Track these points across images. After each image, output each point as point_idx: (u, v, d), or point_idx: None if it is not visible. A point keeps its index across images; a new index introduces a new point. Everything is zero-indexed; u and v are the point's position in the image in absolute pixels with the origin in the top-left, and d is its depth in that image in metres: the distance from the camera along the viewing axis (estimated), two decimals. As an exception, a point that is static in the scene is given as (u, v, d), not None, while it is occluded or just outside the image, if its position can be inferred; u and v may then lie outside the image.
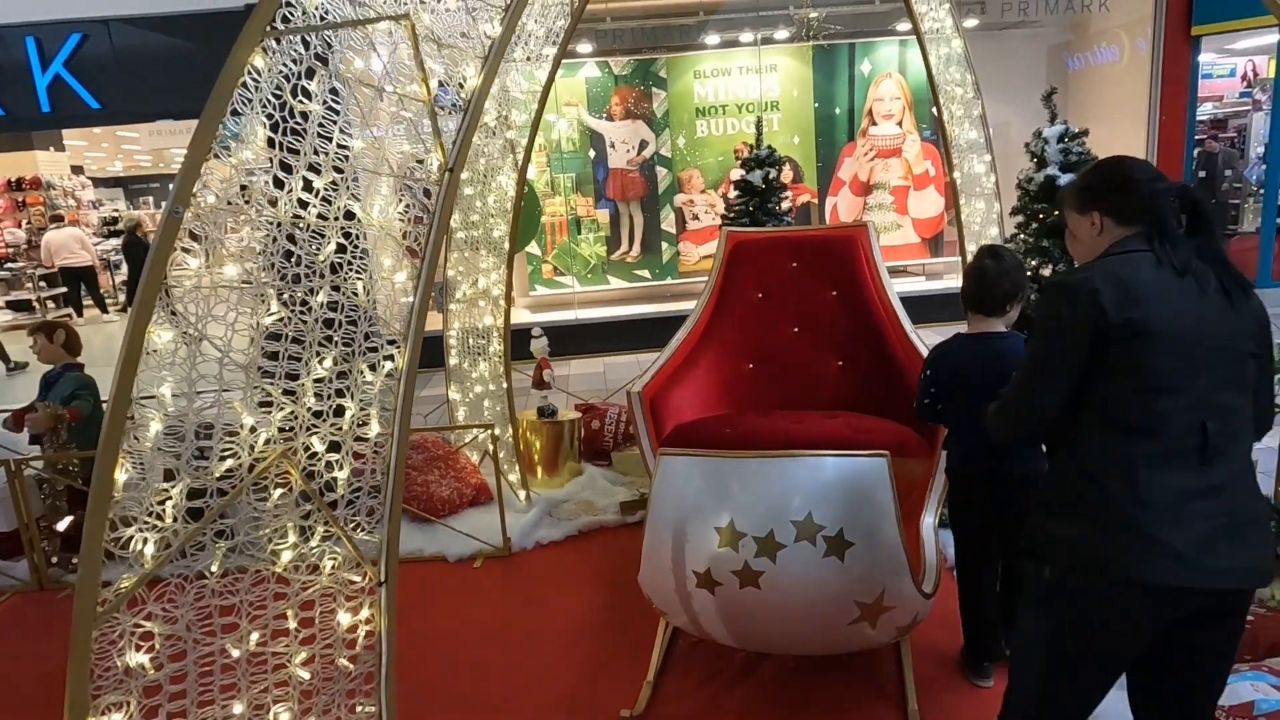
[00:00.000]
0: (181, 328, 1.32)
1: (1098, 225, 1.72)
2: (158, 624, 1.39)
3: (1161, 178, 1.71)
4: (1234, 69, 11.32)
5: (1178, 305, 1.58)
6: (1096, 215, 1.72)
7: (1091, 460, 1.61)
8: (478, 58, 1.75)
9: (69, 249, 11.77)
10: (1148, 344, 1.56)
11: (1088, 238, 1.74)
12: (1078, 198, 1.77)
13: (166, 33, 7.69)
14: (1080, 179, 1.83)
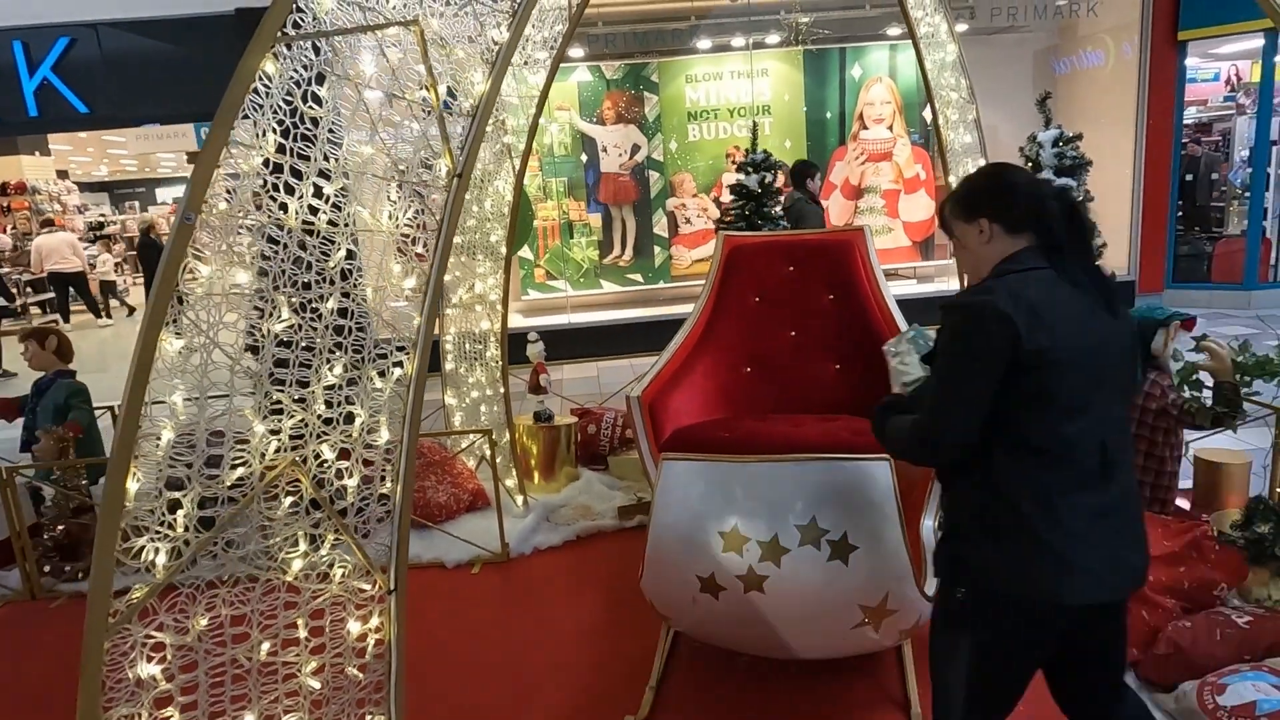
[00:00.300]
0: (193, 335, 1.31)
1: (986, 233, 1.71)
2: (169, 634, 1.38)
3: (1043, 183, 1.74)
4: (1218, 73, 11.44)
5: (1079, 325, 1.61)
6: (984, 222, 1.71)
7: (1003, 484, 1.62)
8: (485, 63, 1.75)
9: (61, 254, 11.67)
10: (1056, 369, 1.58)
11: (976, 246, 1.73)
12: (963, 206, 1.76)
13: (155, 37, 7.64)
14: (961, 188, 1.81)
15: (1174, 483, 3.16)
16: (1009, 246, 1.69)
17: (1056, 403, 1.59)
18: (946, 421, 1.62)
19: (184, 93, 7.79)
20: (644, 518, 4.23)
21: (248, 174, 1.38)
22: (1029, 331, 1.55)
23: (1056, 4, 8.55)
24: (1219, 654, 2.52)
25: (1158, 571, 2.78)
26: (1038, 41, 9.61)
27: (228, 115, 1.33)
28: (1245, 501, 3.31)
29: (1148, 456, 3.13)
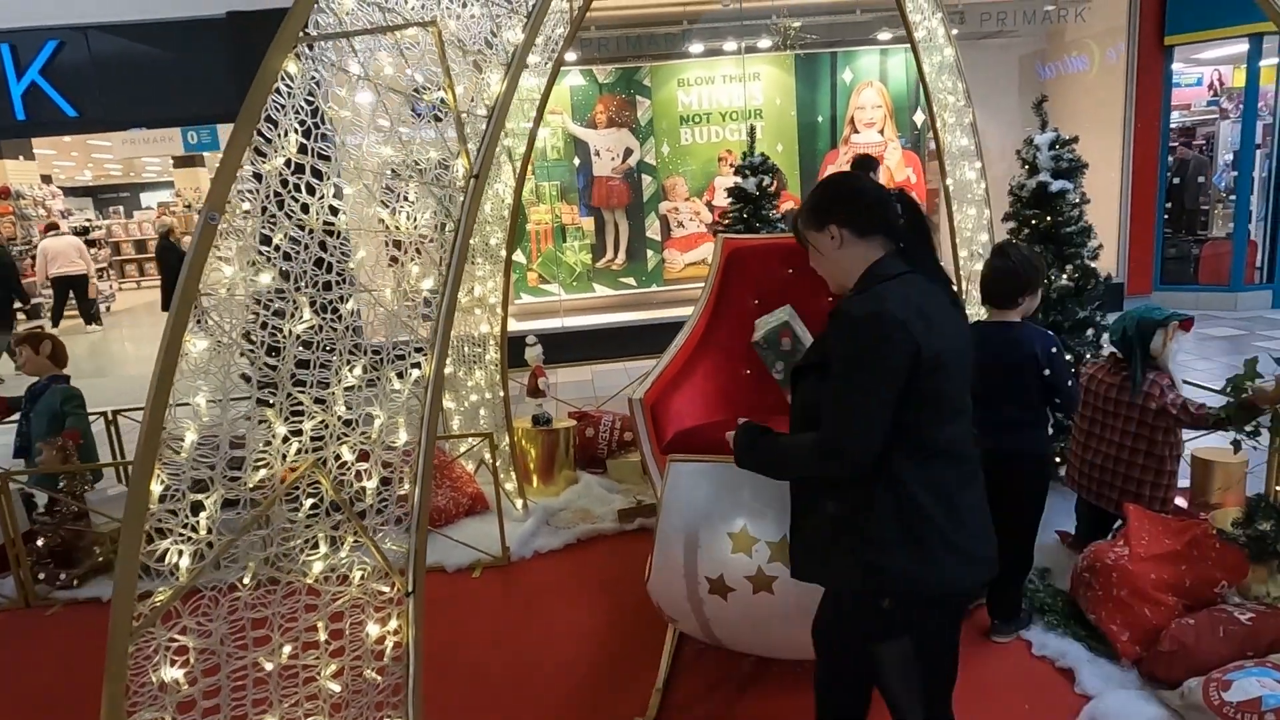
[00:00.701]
0: (216, 336, 1.30)
1: (837, 238, 1.75)
2: (192, 638, 1.36)
3: (884, 189, 1.81)
4: (1200, 78, 11.59)
5: (952, 325, 1.69)
6: (834, 227, 1.75)
7: (911, 488, 1.66)
8: (501, 65, 1.75)
9: (67, 257, 11.60)
10: (946, 371, 1.64)
11: (830, 250, 1.77)
12: (812, 216, 1.80)
13: (144, 41, 7.58)
14: (809, 199, 1.85)
15: (1173, 481, 3.19)
16: (863, 251, 1.74)
17: (948, 404, 1.67)
18: (856, 432, 1.63)
19: (174, 96, 7.74)
20: (644, 520, 4.23)
21: (270, 174, 1.38)
22: (924, 336, 1.60)
23: (1045, 9, 8.63)
24: (1223, 651, 2.54)
25: (1160, 569, 2.81)
26: (1023, 46, 9.70)
27: (251, 115, 1.32)
28: (1242, 500, 3.34)
29: (1148, 455, 3.16)
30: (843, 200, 1.76)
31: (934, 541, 1.66)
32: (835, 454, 1.65)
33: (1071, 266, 3.83)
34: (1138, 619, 2.75)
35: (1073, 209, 3.82)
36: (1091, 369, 3.41)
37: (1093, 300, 3.90)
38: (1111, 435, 3.26)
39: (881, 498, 1.67)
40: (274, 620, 1.49)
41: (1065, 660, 2.83)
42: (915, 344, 1.59)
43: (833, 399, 1.65)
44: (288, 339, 1.45)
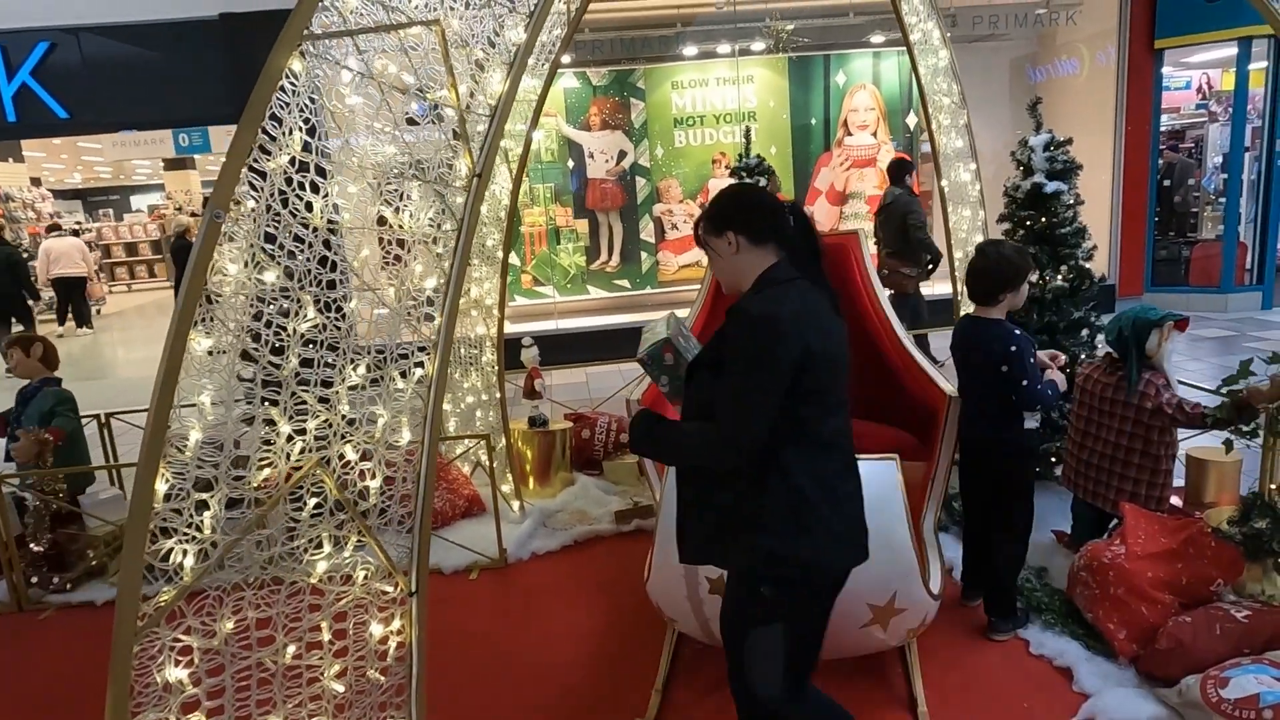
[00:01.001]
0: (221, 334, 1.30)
1: (734, 244, 1.87)
2: (196, 638, 1.36)
3: (778, 200, 1.94)
4: (1189, 82, 11.68)
5: (834, 326, 1.84)
6: (731, 234, 1.87)
7: (799, 478, 1.79)
8: (504, 64, 1.75)
9: (70, 259, 11.60)
10: (829, 370, 1.79)
11: (728, 255, 1.89)
12: (712, 223, 1.92)
13: (137, 43, 7.55)
14: (711, 206, 1.96)
15: (1168, 481, 3.21)
16: (757, 257, 1.87)
17: (829, 399, 1.82)
18: (748, 423, 1.74)
19: (166, 98, 7.70)
20: (641, 522, 4.23)
21: (274, 172, 1.37)
22: (813, 336, 1.75)
23: (1036, 12, 8.69)
24: (1219, 648, 2.56)
25: (1156, 568, 2.82)
26: (1014, 50, 9.76)
27: (256, 113, 1.32)
28: (1236, 499, 3.37)
29: (1143, 455, 3.18)
30: (741, 210, 1.89)
31: (819, 528, 1.79)
32: (731, 444, 1.76)
33: (1066, 267, 3.86)
34: (1135, 617, 2.76)
35: (1067, 210, 3.85)
36: (1087, 369, 3.42)
37: (1087, 301, 3.92)
38: (1107, 435, 3.28)
39: (773, 487, 1.79)
40: (278, 620, 1.49)
41: (1063, 659, 2.84)
42: (804, 343, 1.72)
43: (729, 393, 1.77)
44: (292, 338, 1.44)
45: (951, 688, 2.77)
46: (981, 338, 2.89)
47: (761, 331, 1.73)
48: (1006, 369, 2.79)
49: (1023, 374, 2.78)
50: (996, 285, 2.86)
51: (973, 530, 3.19)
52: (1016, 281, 2.86)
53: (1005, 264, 2.85)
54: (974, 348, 2.91)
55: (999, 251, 2.91)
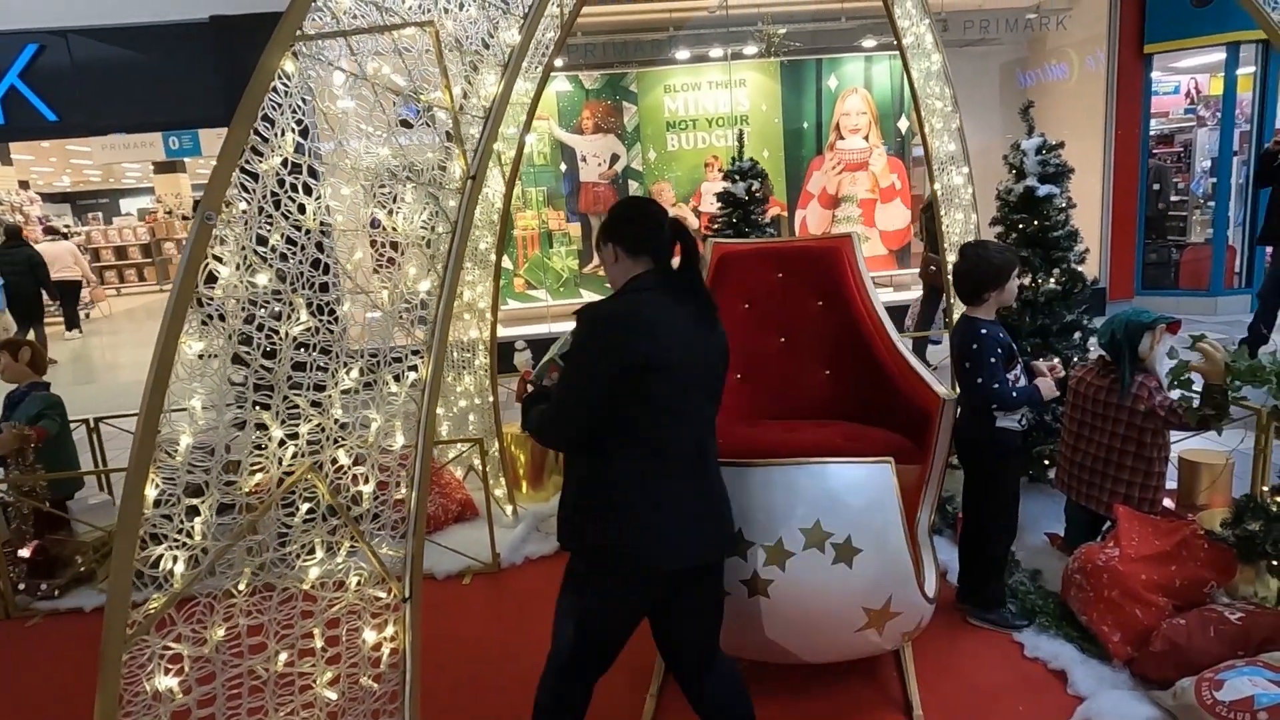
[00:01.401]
0: (214, 338, 1.28)
1: (613, 255, 2.02)
2: (186, 646, 1.34)
3: (662, 215, 2.06)
4: (1178, 86, 11.76)
5: (684, 338, 1.92)
6: (612, 245, 2.01)
7: (616, 471, 1.90)
8: (498, 65, 1.74)
9: (64, 262, 11.57)
10: (663, 376, 1.87)
11: (610, 265, 2.05)
12: (602, 232, 2.06)
13: (126, 45, 7.51)
14: (605, 216, 2.11)
15: (1161, 483, 3.21)
16: (630, 267, 1.99)
17: (661, 404, 1.89)
18: (566, 415, 1.90)
19: (156, 101, 7.67)
20: (634, 526, 4.22)
21: (267, 173, 1.36)
22: (650, 344, 1.85)
23: (1027, 17, 8.73)
24: (1214, 650, 2.56)
25: (1150, 570, 2.83)
26: (1005, 54, 9.81)
27: (248, 113, 1.30)
28: (1228, 501, 3.38)
29: (1136, 457, 3.18)
30: (621, 223, 2.03)
31: (630, 522, 1.89)
32: (552, 430, 1.95)
33: (1059, 270, 3.86)
34: (1129, 620, 2.76)
35: (1059, 213, 3.86)
36: (1080, 371, 3.43)
37: (1080, 304, 3.93)
38: (1100, 437, 3.29)
39: (595, 475, 1.93)
40: (270, 627, 1.47)
41: (1058, 662, 2.84)
42: (633, 350, 1.83)
43: (559, 384, 1.94)
44: (284, 341, 1.43)
45: (946, 691, 2.76)
46: (954, 335, 3.03)
47: (591, 333, 1.87)
48: (968, 365, 2.91)
49: (978, 371, 2.88)
50: (979, 285, 2.95)
51: (967, 530, 3.20)
52: (999, 280, 2.93)
53: (984, 264, 2.93)
54: (963, 344, 2.99)
55: (978, 253, 2.98)
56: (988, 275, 2.92)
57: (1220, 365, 2.92)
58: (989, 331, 2.91)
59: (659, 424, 1.89)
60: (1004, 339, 2.93)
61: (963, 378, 2.99)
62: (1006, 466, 3.07)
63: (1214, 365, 2.94)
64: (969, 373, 2.93)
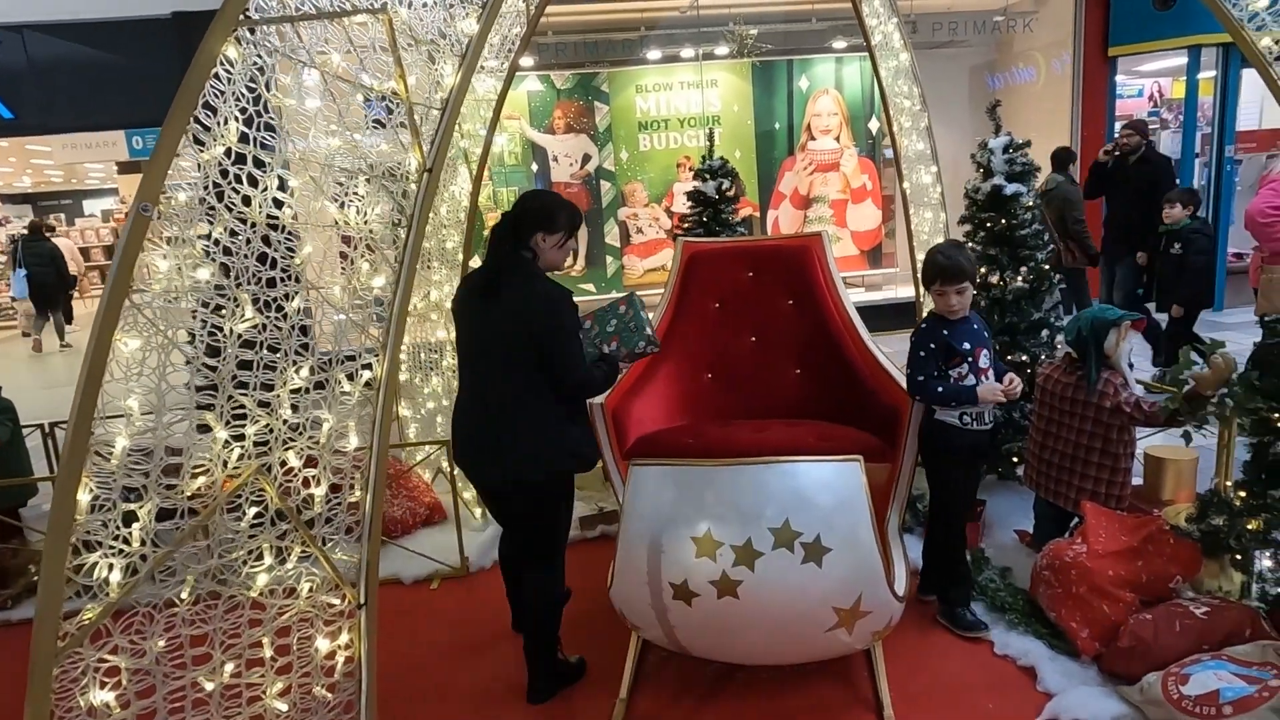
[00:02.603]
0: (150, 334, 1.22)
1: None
2: (124, 658, 1.27)
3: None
4: (1142, 89, 11.96)
5: (475, 307, 2.58)
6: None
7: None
8: (455, 56, 1.69)
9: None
10: (461, 333, 2.65)
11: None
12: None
13: (85, 42, 7.32)
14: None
15: (1128, 479, 3.24)
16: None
17: (461, 355, 2.67)
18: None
19: (116, 99, 7.50)
20: (606, 528, 4.17)
21: (208, 164, 1.30)
22: (454, 302, 2.73)
23: (994, 19, 8.82)
24: (1180, 645, 2.57)
25: (1117, 566, 2.84)
26: (974, 57, 9.90)
27: (187, 101, 1.25)
28: (1193, 496, 3.41)
29: (1103, 454, 3.20)
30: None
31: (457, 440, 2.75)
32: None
33: (1026, 269, 3.88)
34: (1097, 615, 2.77)
35: (1026, 212, 3.88)
36: (1048, 369, 3.45)
37: (1047, 302, 3.96)
38: (1068, 434, 3.30)
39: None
40: (215, 637, 1.41)
41: (1027, 659, 2.84)
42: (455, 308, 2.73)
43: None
44: (229, 338, 1.37)
45: (916, 690, 2.75)
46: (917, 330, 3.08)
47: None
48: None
49: (907, 364, 2.97)
50: (925, 281, 3.00)
51: (928, 525, 3.25)
52: (926, 284, 2.99)
53: (929, 268, 2.96)
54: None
55: (938, 249, 3.01)
56: (926, 276, 2.97)
57: (1221, 379, 2.89)
58: (926, 326, 2.97)
59: (462, 371, 2.65)
60: (942, 335, 2.91)
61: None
62: (943, 461, 3.04)
63: (1218, 377, 2.90)
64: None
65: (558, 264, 2.76)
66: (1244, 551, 2.76)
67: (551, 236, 2.68)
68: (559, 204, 2.74)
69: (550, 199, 2.76)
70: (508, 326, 2.50)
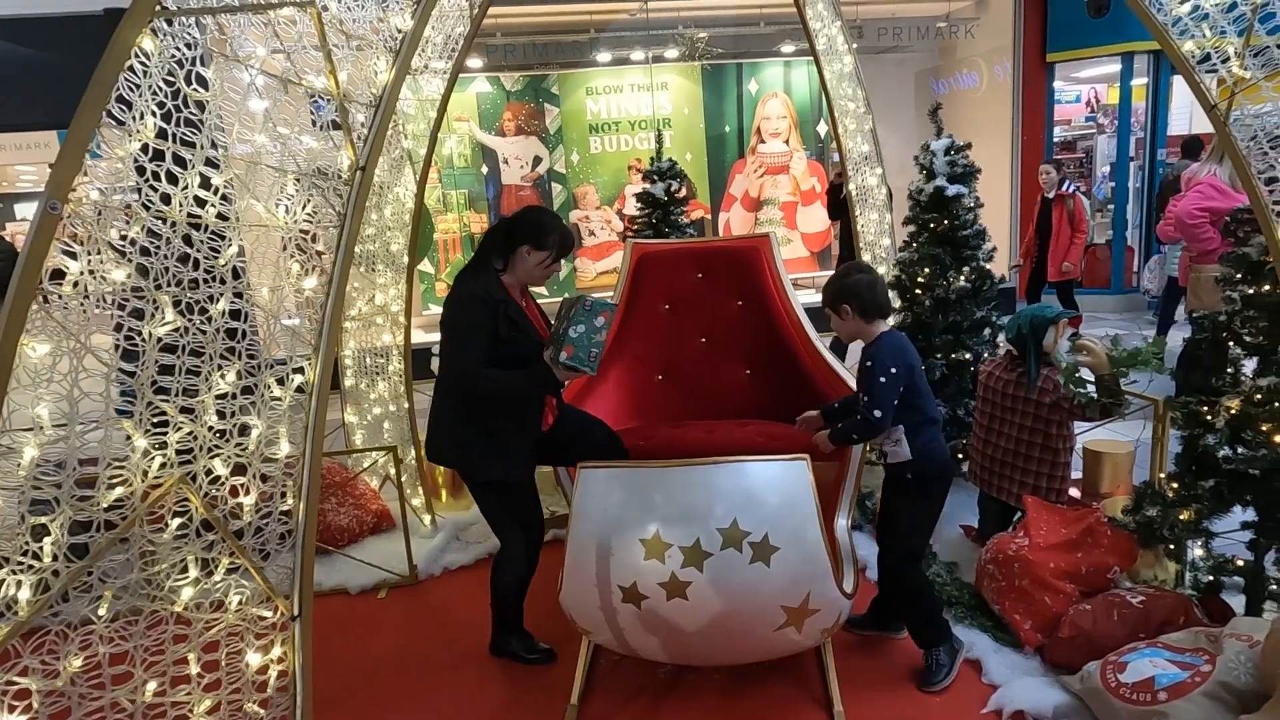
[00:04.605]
0: (61, 338, 1.16)
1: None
2: (35, 679, 1.21)
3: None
4: (1079, 95, 12.33)
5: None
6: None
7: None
8: (389, 51, 1.65)
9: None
10: None
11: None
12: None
13: (13, 39, 7.04)
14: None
15: (1068, 473, 3.31)
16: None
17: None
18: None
19: (48, 98, 7.23)
20: (557, 531, 4.13)
21: (123, 158, 1.24)
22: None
23: (937, 25, 9.00)
24: (1118, 634, 2.64)
25: (1057, 558, 2.90)
26: (919, 62, 10.10)
27: (99, 95, 1.19)
28: (1130, 489, 3.50)
29: (1043, 449, 3.27)
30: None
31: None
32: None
33: (969, 268, 3.96)
34: (1039, 607, 2.83)
35: (968, 213, 3.95)
36: (989, 366, 3.51)
37: (988, 301, 4.03)
38: (1009, 430, 3.37)
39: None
40: (136, 654, 1.35)
41: (973, 652, 2.88)
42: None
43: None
44: (148, 342, 1.31)
45: (866, 686, 2.78)
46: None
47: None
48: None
49: (879, 392, 2.62)
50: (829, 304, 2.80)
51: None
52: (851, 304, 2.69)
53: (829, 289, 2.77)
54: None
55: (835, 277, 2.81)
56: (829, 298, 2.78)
57: (1103, 357, 3.04)
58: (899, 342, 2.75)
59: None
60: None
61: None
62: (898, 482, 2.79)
63: (1098, 359, 3.05)
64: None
65: (536, 281, 2.87)
66: (1177, 541, 2.84)
67: (538, 253, 2.74)
68: (555, 226, 2.78)
69: (549, 218, 2.80)
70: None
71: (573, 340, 2.65)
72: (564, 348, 2.65)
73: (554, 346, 2.70)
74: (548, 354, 2.71)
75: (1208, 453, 2.64)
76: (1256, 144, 2.24)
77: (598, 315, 2.68)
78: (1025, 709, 2.56)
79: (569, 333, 2.65)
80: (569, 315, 2.70)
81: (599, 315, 2.68)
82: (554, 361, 2.66)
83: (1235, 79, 2.22)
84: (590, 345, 2.68)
